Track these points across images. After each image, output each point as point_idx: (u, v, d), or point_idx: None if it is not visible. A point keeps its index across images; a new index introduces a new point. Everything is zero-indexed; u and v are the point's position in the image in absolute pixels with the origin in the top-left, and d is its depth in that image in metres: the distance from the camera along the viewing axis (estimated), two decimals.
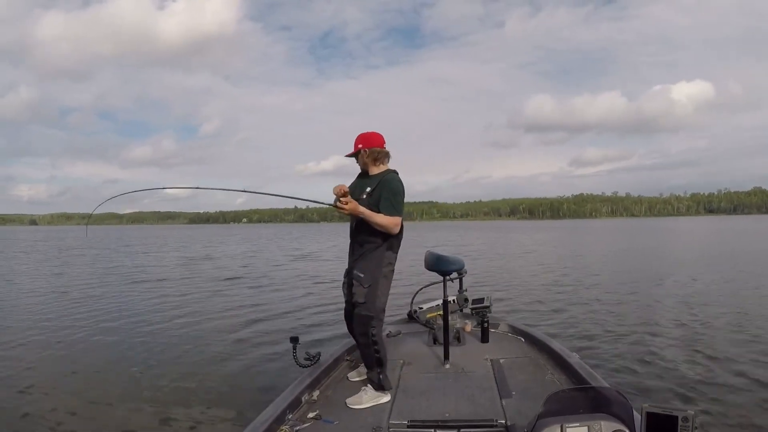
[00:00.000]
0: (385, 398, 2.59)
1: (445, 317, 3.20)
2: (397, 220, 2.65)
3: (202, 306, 8.75)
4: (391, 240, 2.72)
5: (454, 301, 3.99)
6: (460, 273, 3.96)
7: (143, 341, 6.15)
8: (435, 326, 3.82)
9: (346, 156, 2.90)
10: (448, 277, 3.25)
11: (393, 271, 2.76)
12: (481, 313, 3.83)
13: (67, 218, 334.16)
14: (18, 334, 6.67)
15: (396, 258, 2.77)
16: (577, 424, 1.64)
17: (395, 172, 2.79)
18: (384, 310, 2.74)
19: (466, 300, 4.08)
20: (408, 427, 2.28)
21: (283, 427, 2.25)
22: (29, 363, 5.30)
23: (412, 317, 4.15)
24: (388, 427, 2.28)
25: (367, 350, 2.71)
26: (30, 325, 7.22)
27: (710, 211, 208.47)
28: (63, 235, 64.95)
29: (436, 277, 3.30)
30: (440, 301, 3.42)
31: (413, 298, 4.18)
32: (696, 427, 1.53)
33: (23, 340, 6.29)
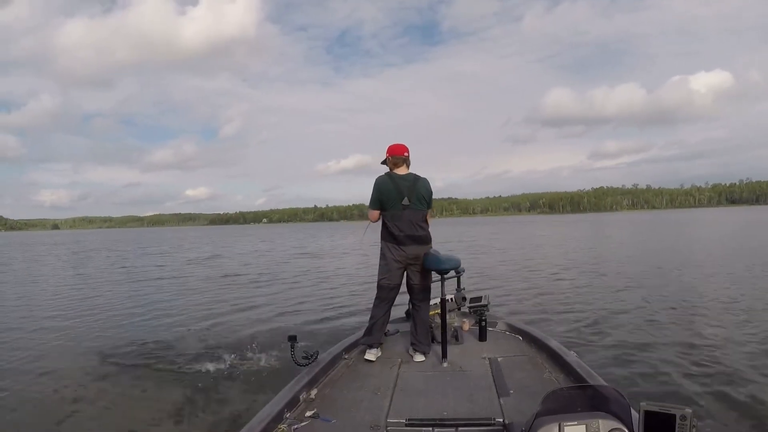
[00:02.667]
0: (370, 355, 3.26)
1: (442, 316, 3.20)
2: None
3: (201, 304, 8.73)
4: (382, 231, 3.39)
5: (451, 299, 3.99)
6: (458, 272, 3.97)
7: (140, 338, 6.14)
8: (433, 325, 3.82)
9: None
10: (445, 276, 3.26)
11: (385, 257, 3.35)
12: (479, 311, 3.84)
13: (88, 222, 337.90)
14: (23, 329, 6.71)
15: (386, 246, 3.34)
16: (575, 423, 1.64)
17: (385, 174, 3.40)
18: (382, 287, 3.36)
19: (464, 299, 4.08)
20: (406, 425, 2.28)
21: (281, 426, 2.25)
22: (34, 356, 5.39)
23: (409, 316, 4.14)
24: (386, 426, 2.28)
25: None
26: (36, 320, 7.24)
27: (732, 201, 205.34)
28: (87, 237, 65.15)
29: (433, 275, 3.31)
30: (438, 300, 3.42)
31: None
32: (694, 426, 1.52)
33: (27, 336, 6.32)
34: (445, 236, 31.91)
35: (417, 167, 3.42)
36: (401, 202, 3.27)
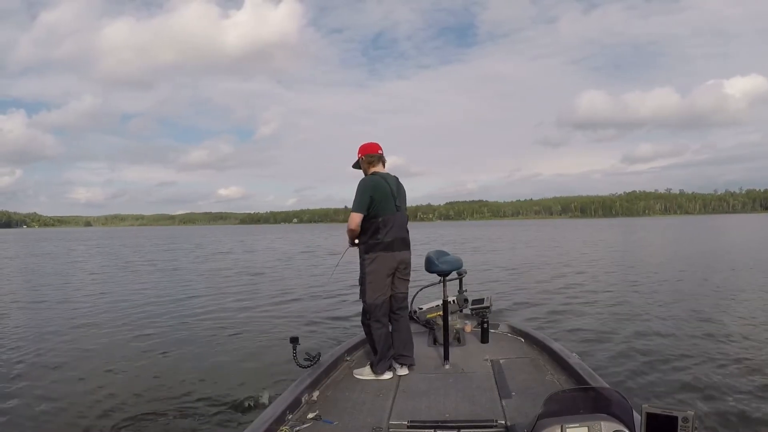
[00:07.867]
0: (387, 375, 2.97)
1: (444, 318, 3.20)
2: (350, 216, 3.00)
3: (202, 305, 8.71)
4: (364, 241, 3.02)
5: (454, 301, 3.99)
6: (460, 273, 3.97)
7: (140, 339, 6.13)
8: (435, 327, 3.83)
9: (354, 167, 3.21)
10: (447, 278, 3.26)
11: (376, 271, 2.99)
12: (481, 313, 3.84)
13: (120, 220, 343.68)
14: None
15: (377, 258, 2.97)
16: (577, 425, 1.64)
17: (373, 174, 3.07)
18: (377, 306, 3.00)
19: (466, 300, 4.08)
20: (408, 427, 2.28)
21: (283, 428, 2.25)
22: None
23: (411, 317, 4.13)
24: (388, 428, 2.28)
25: (367, 337, 3.17)
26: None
27: (766, 208, 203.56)
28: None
29: (436, 277, 3.31)
30: (440, 302, 3.42)
31: (413, 299, 4.17)
32: (696, 428, 1.52)
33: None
34: (455, 237, 31.68)
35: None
36: (395, 204, 3.02)
